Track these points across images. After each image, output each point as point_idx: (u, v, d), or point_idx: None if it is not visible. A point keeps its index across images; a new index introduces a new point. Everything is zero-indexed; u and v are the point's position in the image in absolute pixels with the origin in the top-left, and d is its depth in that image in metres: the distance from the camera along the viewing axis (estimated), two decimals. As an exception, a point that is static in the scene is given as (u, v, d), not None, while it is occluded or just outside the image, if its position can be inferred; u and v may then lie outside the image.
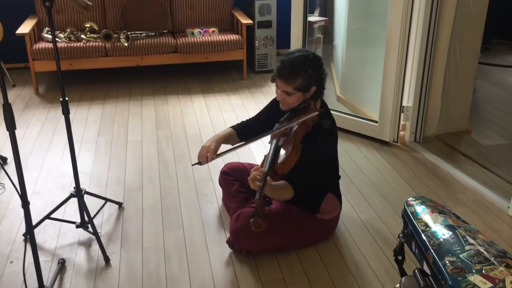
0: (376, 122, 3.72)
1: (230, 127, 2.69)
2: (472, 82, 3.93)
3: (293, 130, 2.30)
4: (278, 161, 2.23)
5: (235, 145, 2.54)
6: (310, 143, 2.31)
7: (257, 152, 3.58)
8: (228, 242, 2.56)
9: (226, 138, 2.60)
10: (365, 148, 3.67)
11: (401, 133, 3.72)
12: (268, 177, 2.17)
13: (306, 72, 2.28)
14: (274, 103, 2.62)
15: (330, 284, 2.34)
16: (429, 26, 3.42)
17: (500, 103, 4.59)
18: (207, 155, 2.46)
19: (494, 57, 5.82)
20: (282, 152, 2.27)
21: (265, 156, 2.34)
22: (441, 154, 3.55)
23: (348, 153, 3.58)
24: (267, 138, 2.48)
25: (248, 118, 2.77)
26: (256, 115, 2.77)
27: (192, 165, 2.79)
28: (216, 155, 2.47)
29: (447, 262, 1.43)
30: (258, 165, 2.42)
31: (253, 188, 2.20)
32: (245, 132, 2.65)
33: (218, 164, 3.21)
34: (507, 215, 2.86)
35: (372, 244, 2.62)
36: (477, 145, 3.74)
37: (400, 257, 1.81)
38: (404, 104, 3.62)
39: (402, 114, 3.63)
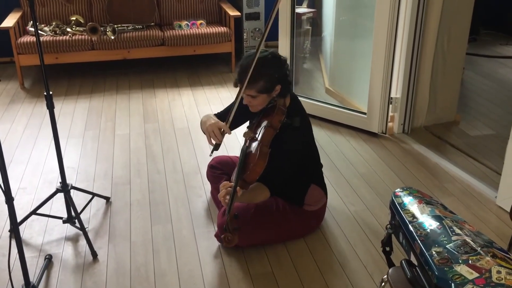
0: (364, 113, 3.72)
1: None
2: (460, 73, 3.94)
3: (260, 135, 2.26)
4: (247, 170, 2.20)
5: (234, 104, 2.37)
6: (280, 144, 2.28)
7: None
8: (217, 236, 2.55)
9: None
10: (353, 140, 3.66)
11: (390, 124, 3.72)
12: (238, 188, 2.15)
13: (267, 74, 2.24)
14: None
15: (319, 276, 2.34)
16: (416, 17, 3.41)
17: (488, 93, 4.61)
18: (221, 131, 2.38)
19: (482, 48, 5.83)
20: (251, 159, 2.22)
21: (237, 163, 2.29)
22: (429, 145, 3.56)
23: (337, 145, 3.58)
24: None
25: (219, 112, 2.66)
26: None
27: (210, 154, 2.53)
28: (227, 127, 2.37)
29: (434, 252, 1.43)
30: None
31: (224, 205, 2.20)
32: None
33: (206, 157, 3.19)
34: (494, 205, 2.88)
35: (360, 235, 2.63)
36: (465, 136, 3.76)
37: (388, 248, 1.81)
38: (392, 95, 3.63)
39: (390, 106, 3.63)
